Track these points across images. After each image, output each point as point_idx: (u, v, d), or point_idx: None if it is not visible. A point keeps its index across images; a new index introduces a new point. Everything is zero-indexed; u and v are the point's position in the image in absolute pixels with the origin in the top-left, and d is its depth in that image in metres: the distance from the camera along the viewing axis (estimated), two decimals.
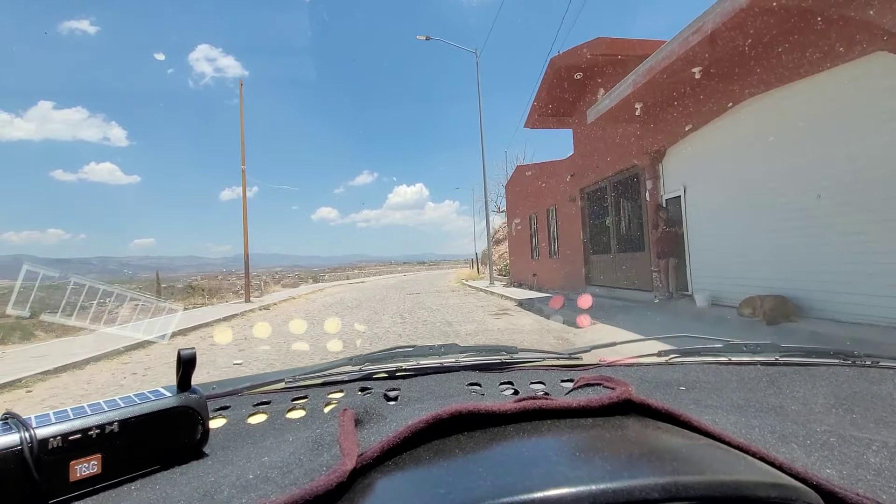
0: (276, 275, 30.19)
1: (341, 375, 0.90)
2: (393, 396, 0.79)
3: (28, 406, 4.28)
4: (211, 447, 0.57)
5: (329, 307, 12.78)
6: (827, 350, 0.99)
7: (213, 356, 5.88)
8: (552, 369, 0.94)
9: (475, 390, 0.81)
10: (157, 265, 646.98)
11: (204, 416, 0.55)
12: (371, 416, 0.56)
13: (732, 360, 0.97)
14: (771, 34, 5.35)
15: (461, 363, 0.95)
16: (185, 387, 0.55)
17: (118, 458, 0.49)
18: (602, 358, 1.06)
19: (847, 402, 0.69)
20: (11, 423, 0.46)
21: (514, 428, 0.48)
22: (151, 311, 9.21)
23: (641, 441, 0.47)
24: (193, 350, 0.55)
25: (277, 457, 0.48)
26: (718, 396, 0.73)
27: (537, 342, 5.85)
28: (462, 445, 0.44)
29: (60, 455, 0.45)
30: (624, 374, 0.88)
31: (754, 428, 0.53)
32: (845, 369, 0.87)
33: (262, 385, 0.84)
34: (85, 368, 5.66)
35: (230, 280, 21.42)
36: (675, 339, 1.12)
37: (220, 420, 0.69)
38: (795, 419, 0.61)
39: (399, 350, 1.03)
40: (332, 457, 0.43)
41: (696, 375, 0.85)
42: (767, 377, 0.82)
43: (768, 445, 0.48)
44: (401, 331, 7.27)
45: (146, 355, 6.33)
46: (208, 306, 13.90)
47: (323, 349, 6.03)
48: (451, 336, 6.54)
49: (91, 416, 0.49)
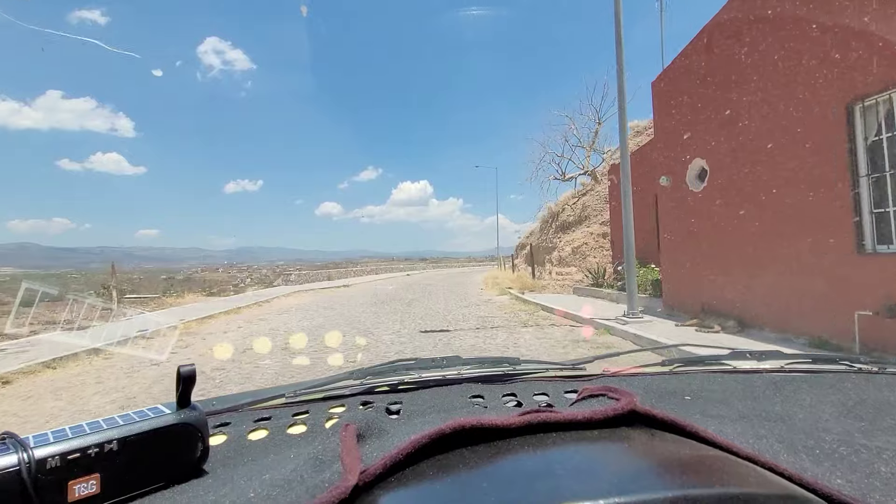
0: (276, 268, 30.24)
1: (343, 389, 0.89)
2: (395, 410, 0.78)
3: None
4: (211, 465, 0.57)
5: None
6: (833, 357, 0.99)
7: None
8: (555, 380, 0.93)
9: (478, 403, 0.80)
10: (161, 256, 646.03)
11: (204, 434, 0.55)
12: (373, 430, 0.56)
13: (737, 368, 0.97)
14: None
15: (464, 375, 0.95)
16: (185, 403, 0.55)
17: (117, 478, 0.48)
18: (606, 368, 1.05)
19: (855, 409, 0.69)
20: (9, 443, 0.45)
21: (519, 441, 0.47)
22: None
23: (648, 453, 0.46)
24: (193, 366, 0.54)
25: (279, 474, 0.47)
26: (724, 406, 0.72)
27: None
28: (466, 460, 0.44)
29: (59, 475, 0.44)
30: (628, 384, 0.87)
31: (762, 437, 0.53)
32: (852, 376, 0.86)
33: (263, 400, 0.83)
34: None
35: (230, 273, 21.49)
36: (678, 349, 1.12)
37: (221, 437, 0.68)
38: (803, 428, 0.60)
39: (401, 363, 1.02)
40: (333, 473, 0.42)
41: (700, 385, 0.84)
42: (773, 385, 0.82)
43: (777, 455, 0.48)
44: None
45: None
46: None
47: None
48: None
49: (90, 434, 0.48)
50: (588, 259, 14.49)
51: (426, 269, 45.93)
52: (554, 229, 18.38)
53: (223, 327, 8.65)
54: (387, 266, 39.69)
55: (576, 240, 15.70)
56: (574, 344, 5.87)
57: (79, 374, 5.33)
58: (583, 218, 16.65)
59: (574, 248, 15.43)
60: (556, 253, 16.54)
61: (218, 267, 24.81)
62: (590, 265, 13.49)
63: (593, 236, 15.13)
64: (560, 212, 18.46)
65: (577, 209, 17.16)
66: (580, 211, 16.95)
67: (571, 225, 17.15)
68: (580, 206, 17.10)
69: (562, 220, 17.96)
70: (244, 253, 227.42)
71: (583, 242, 15.22)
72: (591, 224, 15.84)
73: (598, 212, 15.92)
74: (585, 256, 14.75)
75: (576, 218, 17.07)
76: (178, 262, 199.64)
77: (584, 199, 17.33)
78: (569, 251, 15.52)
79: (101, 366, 5.73)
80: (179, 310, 11.03)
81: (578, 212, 17.03)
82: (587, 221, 16.23)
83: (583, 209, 16.83)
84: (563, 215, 18.05)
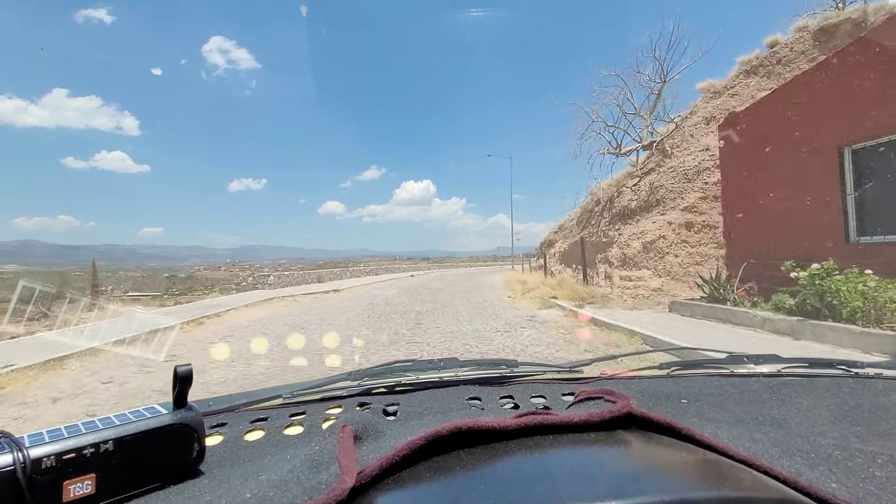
0: (279, 267, 29.98)
1: (340, 391, 0.89)
2: (392, 412, 0.78)
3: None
4: (207, 465, 0.57)
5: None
6: (830, 361, 0.99)
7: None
8: (553, 383, 0.94)
9: (475, 405, 0.80)
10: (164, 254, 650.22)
11: (200, 434, 0.55)
12: (370, 432, 0.56)
13: (734, 371, 0.97)
14: None
15: (461, 377, 0.95)
16: (182, 404, 0.55)
17: (112, 478, 0.48)
18: (603, 371, 1.05)
19: (851, 414, 0.69)
20: (4, 443, 0.45)
21: (515, 444, 0.47)
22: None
23: (645, 456, 0.47)
24: (190, 366, 0.54)
25: (275, 475, 0.47)
26: (720, 409, 0.73)
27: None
28: (462, 462, 0.44)
29: (54, 475, 0.44)
30: (625, 387, 0.87)
31: (758, 441, 0.53)
32: (848, 381, 0.87)
33: (260, 401, 0.83)
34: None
35: (232, 271, 21.40)
36: (676, 352, 1.12)
37: (217, 437, 0.68)
38: (799, 432, 0.61)
39: (398, 364, 1.02)
40: (330, 475, 0.42)
41: (698, 388, 0.84)
42: (770, 389, 0.82)
43: (772, 459, 0.48)
44: None
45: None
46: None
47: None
48: None
49: (86, 434, 0.48)
50: (667, 259, 10.45)
51: (430, 270, 41.22)
52: (609, 219, 13.77)
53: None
54: (388, 266, 35.20)
55: (647, 232, 11.21)
56: None
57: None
58: (651, 203, 12.16)
59: (645, 243, 11.01)
60: (614, 250, 12.01)
61: (220, 265, 24.80)
62: (670, 266, 10.07)
63: (672, 227, 10.81)
64: (615, 196, 13.70)
65: (643, 191, 12.67)
66: (647, 194, 12.43)
67: (634, 213, 12.65)
68: (646, 188, 12.63)
69: (620, 206, 13.33)
70: (247, 251, 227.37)
71: (658, 235, 10.84)
72: (665, 210, 11.57)
73: (675, 194, 11.70)
74: (663, 255, 10.53)
75: (641, 203, 12.48)
76: (181, 261, 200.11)
77: (649, 178, 12.95)
78: (637, 248, 11.20)
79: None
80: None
81: (645, 195, 12.50)
82: (659, 207, 11.91)
83: (651, 191, 12.33)
84: (620, 200, 13.35)
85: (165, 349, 6.08)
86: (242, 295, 14.69)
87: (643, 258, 10.97)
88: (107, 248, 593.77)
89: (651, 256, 10.85)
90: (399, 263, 42.02)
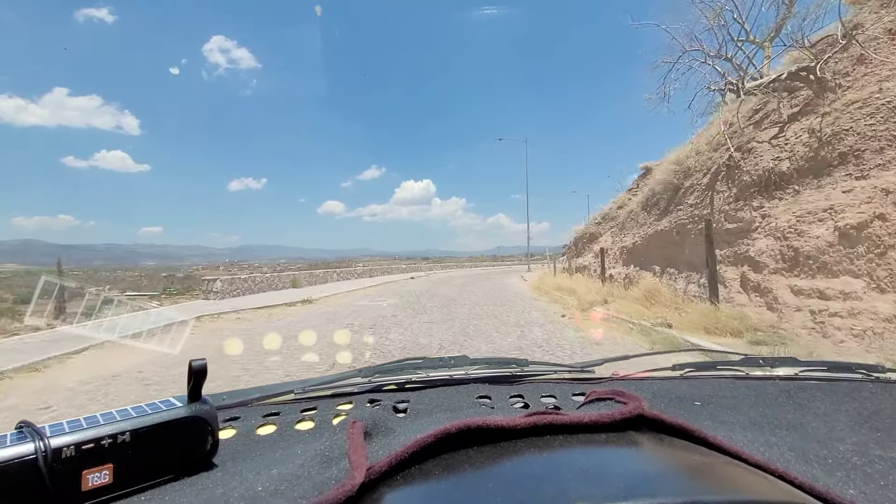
0: (278, 266, 29.58)
1: (351, 387, 0.90)
2: (402, 409, 0.78)
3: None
4: (220, 458, 0.57)
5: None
6: (849, 365, 0.96)
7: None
8: (563, 382, 0.93)
9: (485, 403, 0.80)
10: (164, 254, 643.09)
11: (214, 427, 0.55)
12: (380, 428, 0.56)
13: (749, 374, 0.95)
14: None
15: (471, 376, 0.94)
16: (196, 397, 0.55)
17: (129, 469, 0.49)
18: (615, 371, 1.04)
19: (871, 419, 0.67)
20: (26, 432, 0.46)
21: (525, 443, 0.47)
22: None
23: (656, 458, 0.46)
24: (204, 360, 0.55)
25: (286, 469, 0.47)
26: (735, 412, 0.71)
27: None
28: (472, 460, 0.44)
29: (73, 464, 0.45)
30: (637, 388, 0.86)
31: (773, 445, 0.52)
32: (869, 385, 0.85)
33: (272, 396, 0.84)
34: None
35: (231, 271, 21.21)
36: (689, 353, 1.11)
37: (230, 431, 0.69)
38: (816, 437, 0.59)
39: (409, 362, 1.02)
40: (340, 470, 0.43)
41: (711, 390, 0.83)
42: (786, 393, 0.80)
43: (788, 464, 0.47)
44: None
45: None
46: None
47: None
48: None
49: (103, 425, 0.49)
50: (891, 256, 4.93)
51: (432, 271, 35.74)
52: (735, 192, 7.51)
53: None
54: (387, 266, 31.03)
55: (841, 208, 5.54)
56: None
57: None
58: (828, 160, 6.01)
59: (842, 227, 5.42)
60: (760, 241, 6.71)
61: (219, 265, 24.54)
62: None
63: (893, 198, 5.05)
64: (741, 157, 7.48)
65: (801, 144, 6.46)
66: (816, 146, 6.16)
67: (789, 179, 6.59)
68: (810, 138, 6.33)
69: (757, 170, 7.11)
70: (246, 251, 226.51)
71: (871, 214, 5.14)
72: (866, 171, 5.54)
73: (882, 142, 5.45)
74: (884, 249, 5.01)
75: (803, 162, 6.36)
76: (181, 260, 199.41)
77: (807, 122, 6.46)
78: (826, 236, 5.65)
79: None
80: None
81: (807, 149, 6.27)
82: (846, 166, 5.82)
83: (822, 142, 6.11)
84: (754, 161, 7.22)
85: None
86: (144, 314, 8.37)
87: (839, 256, 5.61)
88: (106, 248, 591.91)
89: (857, 253, 5.41)
90: (398, 263, 38.78)
